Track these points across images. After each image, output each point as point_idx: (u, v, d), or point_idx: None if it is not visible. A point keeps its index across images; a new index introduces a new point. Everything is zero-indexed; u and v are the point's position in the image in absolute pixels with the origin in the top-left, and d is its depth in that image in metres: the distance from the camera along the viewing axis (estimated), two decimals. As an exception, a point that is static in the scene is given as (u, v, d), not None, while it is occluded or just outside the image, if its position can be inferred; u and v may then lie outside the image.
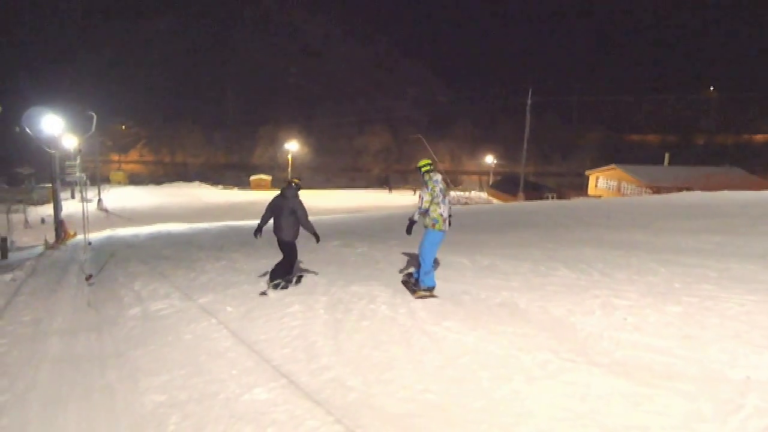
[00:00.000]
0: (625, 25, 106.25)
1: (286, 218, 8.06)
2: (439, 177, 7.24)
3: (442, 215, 7.14)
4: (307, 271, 9.49)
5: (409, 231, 7.43)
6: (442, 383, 4.70)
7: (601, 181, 54.26)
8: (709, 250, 10.05)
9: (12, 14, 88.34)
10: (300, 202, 8.15)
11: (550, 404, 4.26)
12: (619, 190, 50.13)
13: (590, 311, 6.33)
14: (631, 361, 4.93)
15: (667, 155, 54.82)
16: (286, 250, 8.31)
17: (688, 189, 36.52)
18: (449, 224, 7.29)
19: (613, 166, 51.66)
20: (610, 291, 7.09)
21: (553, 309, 6.48)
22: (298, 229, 8.21)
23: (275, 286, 8.21)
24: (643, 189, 45.94)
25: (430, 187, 7.10)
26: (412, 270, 8.50)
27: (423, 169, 7.31)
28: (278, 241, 8.28)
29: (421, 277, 7.44)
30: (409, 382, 4.77)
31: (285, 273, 8.37)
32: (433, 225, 7.16)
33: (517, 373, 4.82)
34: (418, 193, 6.88)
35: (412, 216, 7.28)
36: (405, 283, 8.15)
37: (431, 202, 7.08)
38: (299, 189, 8.31)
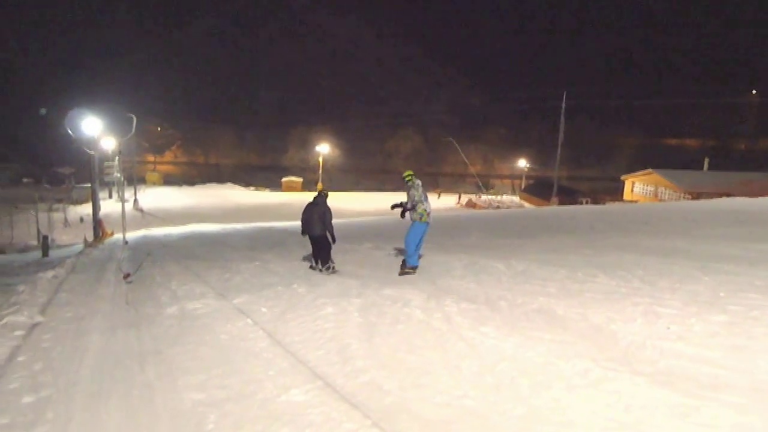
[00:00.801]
0: (663, 27, 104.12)
1: (316, 220, 10.16)
2: (419, 182, 9.42)
3: (426, 210, 9.32)
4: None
5: (402, 215, 9.75)
6: (480, 389, 4.63)
7: (637, 186, 53.25)
8: (753, 258, 9.74)
9: (52, 19, 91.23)
10: (328, 208, 10.29)
11: (592, 413, 4.15)
12: (656, 195, 49.10)
13: (631, 319, 6.17)
14: (676, 371, 4.77)
15: (706, 160, 53.51)
16: (321, 242, 10.30)
17: (729, 195, 35.57)
18: (430, 218, 9.41)
19: (650, 170, 50.64)
20: (651, 299, 6.91)
21: (592, 316, 6.34)
22: (324, 226, 10.19)
23: (327, 269, 10.20)
24: (682, 194, 44.90)
25: (414, 190, 9.32)
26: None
27: (407, 179, 9.52)
28: (311, 237, 10.37)
29: (406, 259, 9.48)
30: (446, 387, 4.71)
31: (324, 257, 10.30)
32: (420, 218, 9.30)
33: (556, 381, 4.71)
34: (413, 192, 8.65)
35: (404, 206, 9.56)
36: (406, 267, 9.67)
37: (416, 199, 9.28)
38: (327, 197, 10.51)
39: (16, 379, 5.41)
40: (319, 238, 10.25)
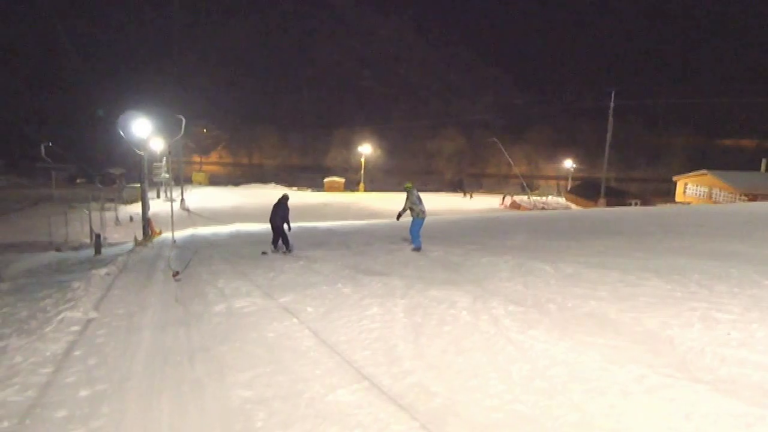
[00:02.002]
0: (717, 23, 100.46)
1: (278, 215, 13.89)
2: (416, 191, 12.96)
3: (421, 210, 12.84)
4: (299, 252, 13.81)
5: (397, 218, 13.76)
6: (532, 394, 4.51)
7: (689, 187, 51.45)
8: (818, 262, 9.25)
9: (105, 23, 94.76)
10: (288, 207, 14.12)
11: (650, 421, 3.99)
12: (710, 197, 47.34)
13: (688, 324, 5.93)
14: (739, 379, 4.56)
15: (764, 161, 51.20)
16: (280, 231, 13.93)
17: (789, 197, 34.04)
18: (425, 215, 12.98)
19: (703, 171, 48.88)
20: (709, 304, 6.63)
21: (646, 321, 6.13)
22: (283, 220, 13.86)
23: (290, 250, 13.73)
24: (738, 196, 43.19)
25: (410, 197, 12.77)
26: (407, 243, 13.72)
27: (406, 188, 13.06)
28: (273, 226, 14.03)
29: (413, 243, 12.92)
30: (496, 391, 4.61)
31: (286, 243, 13.90)
32: (417, 216, 12.83)
33: (611, 386, 4.56)
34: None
35: (400, 212, 13.21)
36: (414, 248, 12.86)
37: (412, 203, 12.76)
38: (288, 200, 14.27)
39: (73, 373, 5.58)
40: (279, 228, 13.92)
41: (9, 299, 10.02)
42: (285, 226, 13.94)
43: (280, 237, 13.99)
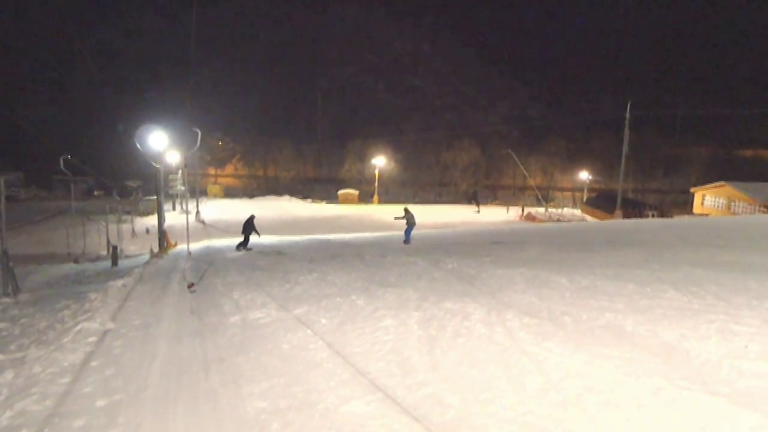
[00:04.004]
0: (736, 32, 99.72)
1: (249, 228, 19.88)
2: (410, 211, 19.41)
3: (414, 222, 19.16)
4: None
5: (395, 219, 20.32)
6: (546, 406, 4.49)
7: (708, 198, 50.82)
8: (839, 275, 9.10)
9: (122, 38, 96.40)
10: (254, 224, 20.09)
11: (666, 435, 3.96)
12: (728, 208, 46.73)
13: (706, 337, 5.87)
14: (757, 392, 4.51)
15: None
16: (247, 239, 19.68)
17: (809, 208, 33.51)
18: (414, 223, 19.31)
19: (722, 182, 48.27)
20: (727, 316, 6.57)
21: (663, 333, 6.08)
22: (251, 231, 19.94)
23: (249, 249, 19.28)
24: (757, 208, 42.62)
25: (407, 214, 19.12)
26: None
27: (405, 209, 19.38)
28: (245, 235, 19.70)
29: (406, 238, 18.87)
30: (510, 403, 4.59)
31: (245, 243, 19.63)
32: (412, 225, 19.06)
33: (626, 399, 4.52)
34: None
35: (398, 218, 19.61)
36: (404, 242, 18.84)
37: (409, 217, 19.06)
38: (254, 218, 20.30)
39: (90, 383, 5.65)
40: (247, 237, 19.73)
41: (28, 310, 10.18)
42: (255, 234, 20.16)
43: (247, 242, 19.76)
